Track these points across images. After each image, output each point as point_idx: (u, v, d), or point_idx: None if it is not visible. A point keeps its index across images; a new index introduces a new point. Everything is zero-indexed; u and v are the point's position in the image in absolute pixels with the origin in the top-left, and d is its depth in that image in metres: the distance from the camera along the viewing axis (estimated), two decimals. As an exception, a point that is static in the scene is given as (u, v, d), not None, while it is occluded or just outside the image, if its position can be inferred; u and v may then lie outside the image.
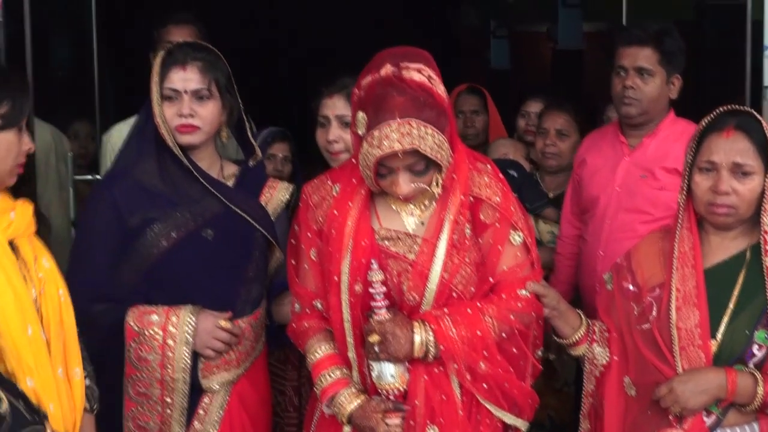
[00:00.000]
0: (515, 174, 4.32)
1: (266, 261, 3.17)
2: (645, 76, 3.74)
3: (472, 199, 2.74)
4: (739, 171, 2.66)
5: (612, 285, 2.89)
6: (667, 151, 3.72)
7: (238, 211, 3.05)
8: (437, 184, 2.68)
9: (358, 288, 2.69)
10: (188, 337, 2.95)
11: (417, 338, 2.64)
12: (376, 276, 2.65)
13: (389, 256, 2.71)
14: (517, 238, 2.77)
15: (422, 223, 2.74)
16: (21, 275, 2.41)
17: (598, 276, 3.30)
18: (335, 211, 2.76)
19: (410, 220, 2.75)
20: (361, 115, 2.60)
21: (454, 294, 2.71)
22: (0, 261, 2.37)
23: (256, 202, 3.16)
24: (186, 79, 3.03)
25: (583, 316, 2.90)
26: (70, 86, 5.87)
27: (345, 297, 2.71)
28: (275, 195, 3.24)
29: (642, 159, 3.80)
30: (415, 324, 2.66)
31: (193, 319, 2.96)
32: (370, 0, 8.15)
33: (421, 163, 2.61)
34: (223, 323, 2.99)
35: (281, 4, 7.89)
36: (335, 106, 3.32)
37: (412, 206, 2.75)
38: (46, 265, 2.50)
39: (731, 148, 2.66)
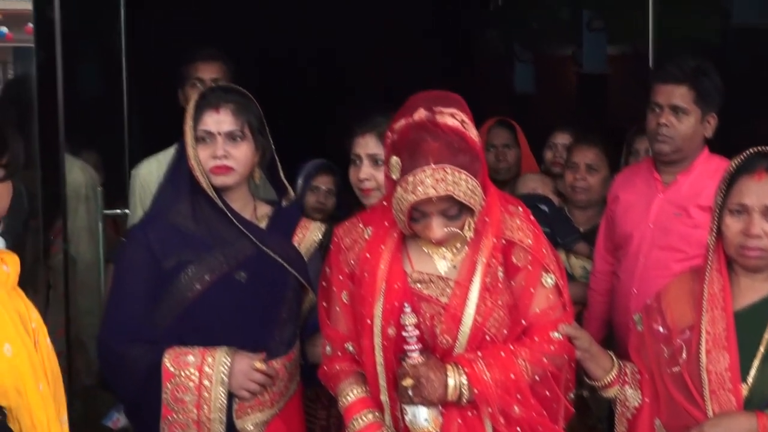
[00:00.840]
0: (546, 209, 4.31)
1: (300, 302, 3.18)
2: (680, 114, 3.70)
3: (504, 242, 2.74)
4: (771, 214, 2.66)
5: (642, 326, 2.89)
6: (702, 189, 3.67)
7: (271, 254, 3.07)
8: (470, 228, 2.68)
9: (391, 331, 2.69)
10: (224, 377, 2.97)
11: (451, 382, 2.64)
12: (409, 319, 2.65)
13: (422, 299, 2.72)
14: (549, 280, 2.77)
15: (454, 266, 2.74)
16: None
17: (631, 314, 3.27)
18: (367, 254, 2.77)
19: (442, 263, 2.76)
20: (395, 159, 2.61)
21: (487, 337, 2.70)
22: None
23: (289, 243, 3.18)
24: (219, 121, 3.07)
25: (615, 358, 2.90)
26: (99, 115, 5.90)
27: (378, 340, 2.71)
28: (308, 235, 3.26)
29: (676, 196, 3.77)
30: (449, 367, 2.66)
31: (229, 360, 2.98)
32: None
33: (455, 208, 2.61)
34: (258, 364, 3.00)
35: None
36: (367, 145, 3.34)
37: (444, 249, 2.76)
38: (34, 315, 2.48)
39: (763, 191, 2.67)
